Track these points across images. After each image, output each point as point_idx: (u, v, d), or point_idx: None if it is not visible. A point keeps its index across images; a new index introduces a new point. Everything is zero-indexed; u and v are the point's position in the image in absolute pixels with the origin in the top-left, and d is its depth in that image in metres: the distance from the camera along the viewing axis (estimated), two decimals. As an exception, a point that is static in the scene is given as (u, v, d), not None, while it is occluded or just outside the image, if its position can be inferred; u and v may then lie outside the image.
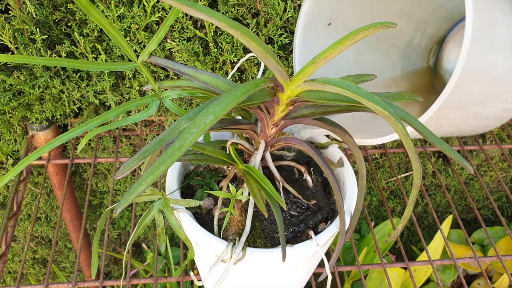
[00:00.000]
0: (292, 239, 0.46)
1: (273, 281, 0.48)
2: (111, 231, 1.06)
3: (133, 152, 0.91)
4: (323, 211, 0.48)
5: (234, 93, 0.34)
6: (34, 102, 0.75)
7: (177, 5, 0.29)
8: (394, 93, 0.45)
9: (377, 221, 1.13)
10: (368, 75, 0.48)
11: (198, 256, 0.49)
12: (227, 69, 0.74)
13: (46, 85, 0.72)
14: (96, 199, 1.00)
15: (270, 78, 0.37)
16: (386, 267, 0.65)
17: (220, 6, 0.68)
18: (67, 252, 1.11)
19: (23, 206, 0.96)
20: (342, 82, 0.35)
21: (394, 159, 1.00)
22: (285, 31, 0.71)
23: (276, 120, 0.42)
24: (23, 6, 0.65)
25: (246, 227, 0.44)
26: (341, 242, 0.47)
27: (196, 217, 0.47)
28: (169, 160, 0.31)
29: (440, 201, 1.13)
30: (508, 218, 1.18)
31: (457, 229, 1.08)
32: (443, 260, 0.68)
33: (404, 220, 0.44)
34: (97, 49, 0.71)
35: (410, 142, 0.36)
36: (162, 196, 0.46)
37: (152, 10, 0.67)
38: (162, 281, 0.64)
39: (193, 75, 0.41)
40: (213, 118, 0.32)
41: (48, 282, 0.60)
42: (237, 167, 0.45)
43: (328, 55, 0.35)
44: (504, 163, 1.06)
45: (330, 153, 0.54)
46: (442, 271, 1.00)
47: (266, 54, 0.34)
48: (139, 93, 0.77)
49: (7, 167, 0.88)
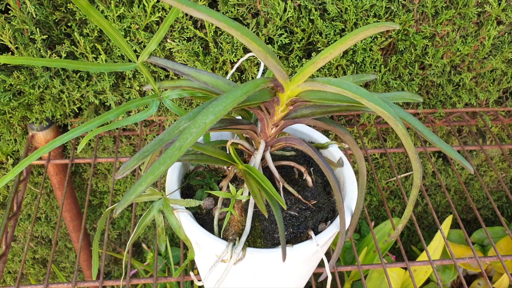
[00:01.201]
0: (292, 239, 0.46)
1: (273, 281, 0.48)
2: (111, 231, 1.06)
3: (133, 152, 0.91)
4: (323, 211, 0.48)
5: (234, 93, 0.34)
6: (34, 102, 0.75)
7: (177, 5, 0.29)
8: (394, 93, 0.45)
9: (377, 221, 1.13)
10: (368, 75, 0.48)
11: (198, 256, 0.49)
12: (227, 69, 0.74)
13: (46, 85, 0.72)
14: (96, 199, 1.00)
15: (270, 78, 0.37)
16: (386, 267, 0.65)
17: (220, 6, 0.68)
18: (67, 252, 1.11)
19: (23, 206, 0.96)
20: (342, 82, 0.35)
21: (394, 159, 1.00)
22: (285, 31, 0.71)
23: (276, 120, 0.42)
24: (23, 6, 0.65)
25: (246, 227, 0.44)
26: (341, 242, 0.47)
27: (196, 217, 0.47)
28: (169, 160, 0.31)
29: (440, 201, 1.13)
30: (508, 218, 1.18)
31: (457, 229, 1.08)
32: (443, 260, 0.68)
33: (404, 220, 0.44)
34: (97, 49, 0.71)
35: (410, 142, 0.36)
36: (162, 196, 0.46)
37: (152, 10, 0.67)
38: (162, 281, 0.64)
39: (193, 75, 0.41)
40: (213, 118, 0.32)
41: (48, 282, 0.60)
42: (237, 167, 0.45)
43: (328, 55, 0.35)
44: (504, 163, 1.06)
45: (330, 153, 0.54)
46: (442, 271, 1.00)
47: (266, 54, 0.34)
48: (139, 93, 0.77)
49: (7, 167, 0.88)
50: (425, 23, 0.73)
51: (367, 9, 0.70)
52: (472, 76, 0.81)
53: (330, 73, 0.76)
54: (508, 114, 0.93)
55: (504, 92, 0.90)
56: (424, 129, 0.38)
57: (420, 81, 0.81)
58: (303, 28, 0.71)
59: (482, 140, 0.99)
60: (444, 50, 0.76)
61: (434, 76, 0.80)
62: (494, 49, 0.79)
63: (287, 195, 0.48)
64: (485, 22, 0.74)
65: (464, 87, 0.84)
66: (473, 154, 1.04)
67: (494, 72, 0.82)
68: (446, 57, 0.78)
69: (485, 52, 0.77)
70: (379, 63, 0.76)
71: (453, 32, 0.74)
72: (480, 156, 1.04)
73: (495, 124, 0.93)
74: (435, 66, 0.78)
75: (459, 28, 0.74)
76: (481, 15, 0.74)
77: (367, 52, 0.74)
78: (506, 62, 0.81)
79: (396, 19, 0.71)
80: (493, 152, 1.03)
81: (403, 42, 0.74)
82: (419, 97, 0.45)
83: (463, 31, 0.75)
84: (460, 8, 0.71)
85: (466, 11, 0.72)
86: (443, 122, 0.90)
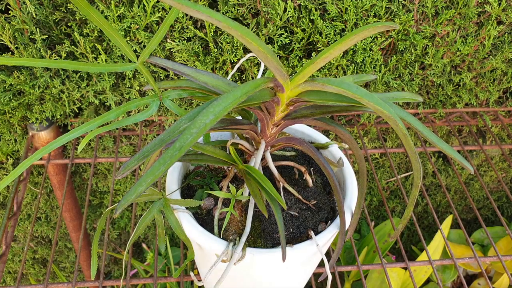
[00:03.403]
0: (292, 239, 0.46)
1: (273, 281, 0.48)
2: (111, 231, 1.06)
3: (133, 152, 0.91)
4: (323, 211, 0.48)
5: (234, 94, 0.34)
6: (34, 102, 0.75)
7: (177, 5, 0.29)
8: (394, 93, 0.45)
9: (377, 221, 1.13)
10: (368, 75, 0.48)
11: (198, 256, 0.49)
12: (227, 69, 0.74)
13: (46, 85, 0.72)
14: (96, 199, 1.00)
15: (270, 78, 0.37)
16: (386, 267, 0.65)
17: (220, 6, 0.68)
18: (67, 252, 1.11)
19: (23, 206, 0.96)
20: (342, 82, 0.35)
21: (394, 159, 1.00)
22: (285, 31, 0.71)
23: (276, 120, 0.42)
24: (23, 6, 0.65)
25: (246, 227, 0.44)
26: (341, 242, 0.47)
27: (196, 218, 0.47)
28: (169, 160, 0.31)
29: (440, 201, 1.13)
30: (508, 218, 1.18)
31: (457, 229, 1.08)
32: (443, 260, 0.68)
33: (404, 220, 0.44)
34: (97, 49, 0.71)
35: (410, 142, 0.36)
36: (162, 196, 0.46)
37: (152, 10, 0.67)
38: (162, 281, 0.64)
39: (193, 75, 0.41)
40: (213, 119, 0.32)
41: (48, 282, 0.60)
42: (237, 167, 0.45)
43: (329, 55, 0.35)
44: (504, 163, 1.06)
45: (330, 153, 0.54)
46: (442, 271, 1.00)
47: (266, 54, 0.34)
48: (139, 93, 0.77)
49: (7, 167, 0.88)
50: (425, 23, 0.73)
51: (367, 9, 0.70)
52: (472, 76, 0.81)
53: (330, 73, 0.76)
54: (508, 114, 0.93)
55: (504, 92, 0.90)
56: (424, 129, 0.38)
57: (420, 81, 0.81)
58: (303, 28, 0.71)
59: (482, 140, 0.99)
60: (444, 50, 0.76)
61: (434, 76, 0.80)
62: (494, 49, 0.79)
63: (287, 195, 0.48)
64: (485, 22, 0.74)
65: (464, 87, 0.84)
66: (473, 154, 1.04)
67: (494, 72, 0.82)
68: (446, 57, 0.78)
69: (485, 52, 0.77)
70: (379, 63, 0.76)
71: (453, 32, 0.74)
72: (480, 156, 1.04)
73: (495, 124, 0.93)
74: (435, 66, 0.78)
75: (459, 28, 0.74)
76: (481, 15, 0.74)
77: (367, 52, 0.74)
78: (506, 62, 0.81)
79: (396, 19, 0.71)
80: (493, 152, 1.03)
81: (403, 42, 0.74)
82: (419, 97, 0.45)
83: (463, 31, 0.75)
84: (460, 8, 0.71)
85: (466, 11, 0.72)
86: (443, 122, 0.90)
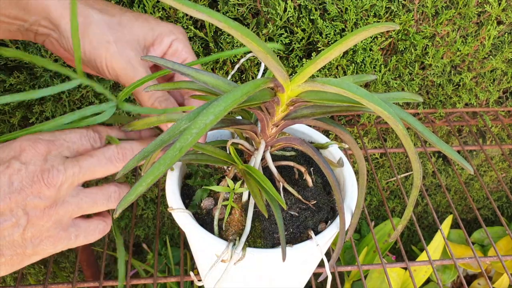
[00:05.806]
0: (292, 239, 0.46)
1: (273, 281, 0.48)
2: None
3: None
4: (323, 211, 0.48)
5: (234, 94, 0.34)
6: (34, 102, 0.75)
7: (177, 6, 0.29)
8: (394, 93, 0.45)
9: (377, 221, 1.13)
10: (368, 75, 0.48)
11: (198, 256, 0.49)
12: (227, 69, 0.74)
13: (46, 85, 0.72)
14: (96, 199, 1.00)
15: (270, 78, 0.37)
16: (386, 267, 0.65)
17: (220, 6, 0.68)
18: (67, 252, 1.11)
19: (23, 206, 0.96)
20: (342, 83, 0.35)
21: (394, 159, 1.00)
22: (285, 31, 0.71)
23: (276, 120, 0.42)
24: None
25: (246, 227, 0.44)
26: (341, 242, 0.47)
27: (196, 218, 0.47)
28: (169, 161, 0.31)
29: (440, 201, 1.13)
30: (508, 218, 1.18)
31: (457, 229, 1.08)
32: (443, 260, 0.68)
33: (404, 221, 0.44)
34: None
35: (410, 142, 0.36)
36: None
37: (152, 10, 0.67)
38: (162, 281, 0.64)
39: (193, 75, 0.41)
40: (214, 119, 0.32)
41: (48, 282, 0.60)
42: (237, 167, 0.45)
43: (329, 55, 0.34)
44: (504, 163, 1.06)
45: (330, 153, 0.54)
46: (442, 271, 1.00)
47: (266, 55, 0.34)
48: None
49: (7, 167, 0.88)
50: (425, 23, 0.73)
51: (367, 9, 0.70)
52: (472, 76, 0.81)
53: (330, 73, 0.76)
54: (508, 114, 0.93)
55: (504, 92, 0.90)
56: (424, 130, 0.38)
57: (420, 81, 0.81)
58: (303, 28, 0.71)
59: (482, 140, 0.99)
60: (444, 50, 0.76)
61: (434, 76, 0.80)
62: (494, 49, 0.79)
63: (287, 195, 0.48)
64: (485, 22, 0.74)
65: (464, 87, 0.84)
66: (473, 154, 1.04)
67: (494, 72, 0.82)
68: (446, 57, 0.78)
69: (485, 52, 0.77)
70: (379, 63, 0.76)
71: (453, 32, 0.74)
72: (480, 156, 1.04)
73: (495, 124, 0.93)
74: (435, 66, 0.78)
75: (459, 28, 0.74)
76: (481, 15, 0.74)
77: (367, 52, 0.74)
78: (506, 62, 0.81)
79: (396, 19, 0.71)
80: (493, 152, 1.03)
81: (403, 42, 0.74)
82: (419, 97, 0.45)
83: (463, 31, 0.75)
84: (460, 8, 0.71)
85: (466, 11, 0.72)
86: (443, 122, 0.90)
